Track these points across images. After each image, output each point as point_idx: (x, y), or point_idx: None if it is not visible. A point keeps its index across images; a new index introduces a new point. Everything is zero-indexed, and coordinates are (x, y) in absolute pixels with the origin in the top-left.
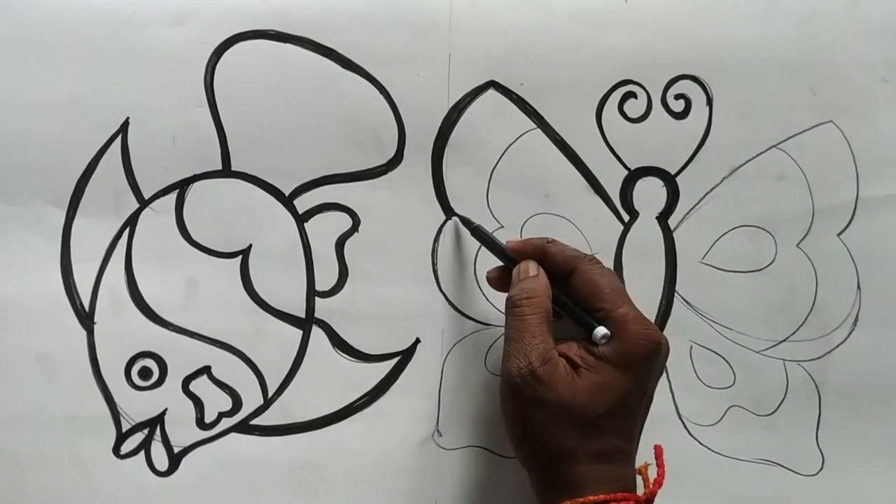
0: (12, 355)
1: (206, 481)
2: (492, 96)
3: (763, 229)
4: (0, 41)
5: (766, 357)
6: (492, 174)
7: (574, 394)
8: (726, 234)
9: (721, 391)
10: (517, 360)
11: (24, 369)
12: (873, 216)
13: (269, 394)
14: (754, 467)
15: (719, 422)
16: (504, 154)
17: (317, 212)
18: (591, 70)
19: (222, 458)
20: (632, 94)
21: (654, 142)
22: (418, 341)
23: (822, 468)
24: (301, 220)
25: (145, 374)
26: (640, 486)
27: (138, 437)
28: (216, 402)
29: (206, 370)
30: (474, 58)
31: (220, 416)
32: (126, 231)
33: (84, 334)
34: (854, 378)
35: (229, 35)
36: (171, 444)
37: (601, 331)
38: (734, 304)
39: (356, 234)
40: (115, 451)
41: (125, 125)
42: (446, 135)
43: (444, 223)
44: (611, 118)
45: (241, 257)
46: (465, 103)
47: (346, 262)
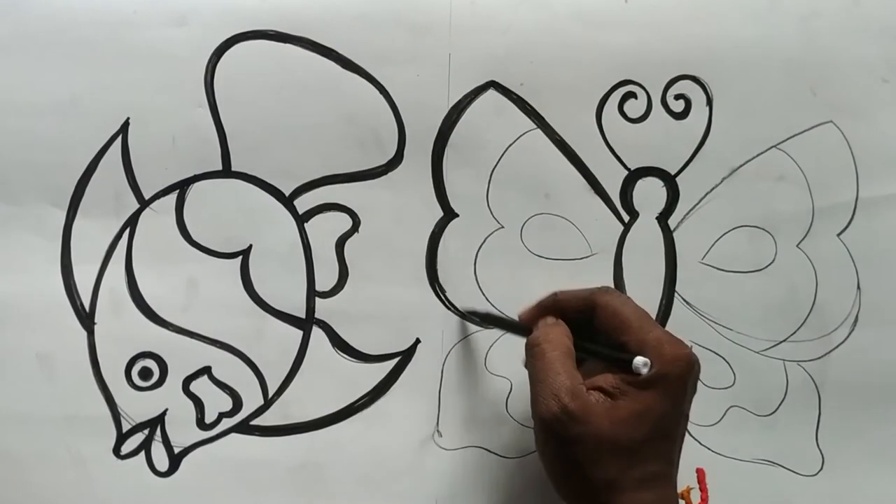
0: (12, 355)
1: (206, 481)
2: (492, 96)
3: (763, 229)
4: (1, 41)
5: (766, 357)
6: (492, 174)
7: (612, 424)
8: (726, 234)
9: (721, 391)
10: (546, 400)
11: (25, 369)
12: (873, 216)
13: (270, 394)
14: (754, 467)
15: (719, 422)
16: (504, 154)
17: (317, 212)
18: (591, 70)
19: (223, 458)
20: (632, 94)
21: (654, 142)
22: (418, 341)
23: (821, 468)
24: (301, 220)
25: (145, 374)
26: None
27: (139, 438)
28: (216, 402)
29: (206, 370)
30: (474, 58)
31: (221, 416)
32: (126, 231)
33: (84, 334)
34: (854, 378)
35: (229, 35)
36: (172, 444)
37: (640, 360)
38: (734, 305)
39: (356, 234)
40: (116, 451)
41: (125, 125)
42: (446, 135)
43: (441, 221)
44: (611, 118)
45: (241, 257)
46: (466, 103)
47: (346, 263)
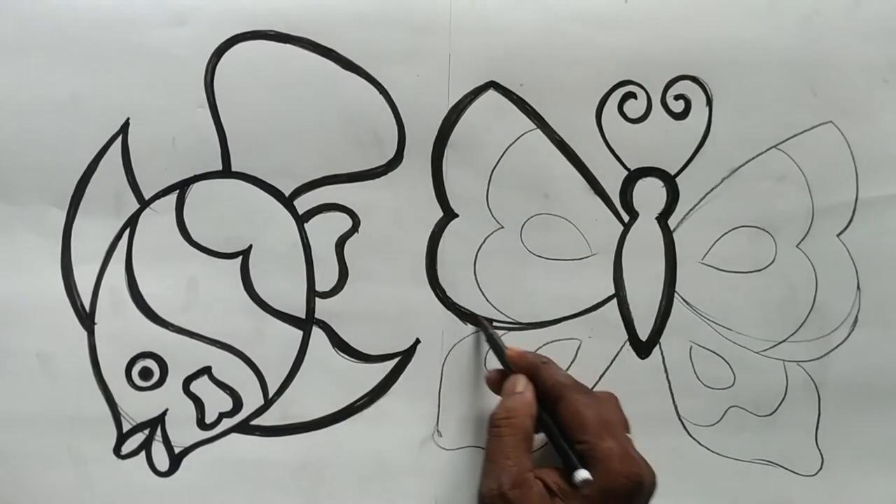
0: (13, 355)
1: (206, 481)
2: (492, 97)
3: (763, 229)
4: (1, 41)
5: (766, 357)
6: (492, 174)
7: None
8: (726, 234)
9: (721, 391)
10: (488, 481)
11: (25, 369)
12: (873, 216)
13: (270, 394)
14: (754, 467)
15: (719, 422)
16: (504, 154)
17: (317, 212)
18: (591, 70)
19: (223, 458)
20: (632, 95)
21: (654, 142)
22: (418, 341)
23: (821, 468)
24: (301, 220)
25: (146, 374)
26: None
27: (139, 438)
28: (217, 402)
29: (206, 370)
30: (474, 58)
31: (221, 416)
32: (126, 231)
33: (84, 334)
34: (854, 378)
35: (229, 35)
36: (172, 444)
37: (581, 475)
38: (734, 305)
39: (356, 234)
40: (116, 451)
41: (126, 125)
42: (446, 135)
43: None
44: (611, 118)
45: (241, 258)
46: (466, 104)
47: (346, 263)
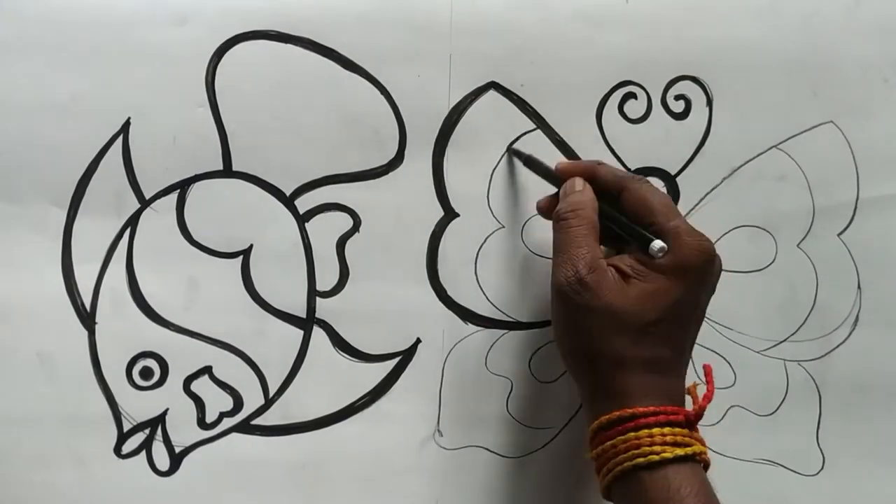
0: (13, 355)
1: (207, 481)
2: (492, 97)
3: (763, 229)
4: (1, 41)
5: (767, 357)
6: (492, 174)
7: (623, 300)
8: (726, 234)
9: (722, 391)
10: (564, 269)
11: (25, 369)
12: (873, 216)
13: (270, 394)
14: (754, 467)
15: (720, 422)
16: (504, 154)
17: (318, 212)
18: (591, 70)
19: (223, 457)
20: (632, 95)
21: (654, 142)
22: (419, 341)
23: (822, 468)
24: (302, 220)
25: (146, 373)
26: (688, 404)
27: (139, 437)
28: (217, 401)
29: (207, 370)
30: (475, 58)
31: (222, 415)
32: (127, 231)
33: (85, 334)
34: (854, 378)
35: (230, 35)
36: (173, 443)
37: (658, 244)
38: (734, 304)
39: (357, 234)
40: (117, 450)
41: (126, 125)
42: (447, 135)
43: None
44: (611, 119)
45: (241, 257)
46: (466, 104)
47: (346, 263)
